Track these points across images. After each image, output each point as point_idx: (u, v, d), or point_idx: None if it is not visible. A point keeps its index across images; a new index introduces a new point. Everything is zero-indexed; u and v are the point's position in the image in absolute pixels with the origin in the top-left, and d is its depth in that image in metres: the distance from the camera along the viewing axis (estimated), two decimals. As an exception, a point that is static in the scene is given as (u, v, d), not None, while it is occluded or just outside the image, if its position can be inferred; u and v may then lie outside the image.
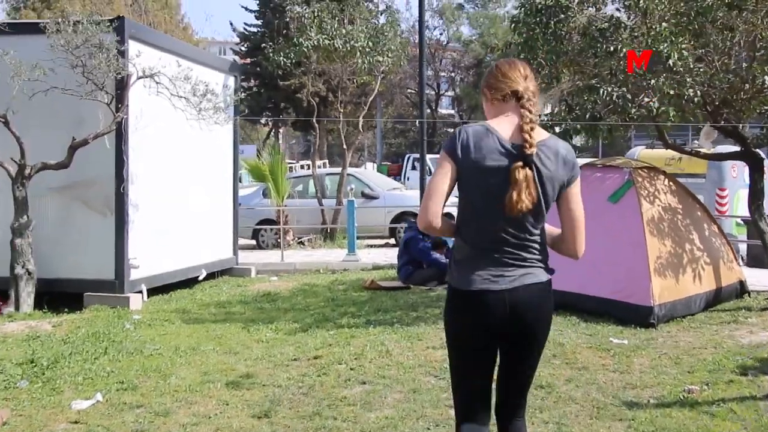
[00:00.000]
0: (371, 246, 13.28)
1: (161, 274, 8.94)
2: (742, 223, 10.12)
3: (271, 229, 13.38)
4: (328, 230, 13.52)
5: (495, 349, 2.70)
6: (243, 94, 38.52)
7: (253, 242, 14.21)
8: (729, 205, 10.81)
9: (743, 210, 11.22)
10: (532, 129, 2.56)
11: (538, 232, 2.68)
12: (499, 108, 2.70)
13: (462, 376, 2.75)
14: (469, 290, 2.61)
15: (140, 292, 8.44)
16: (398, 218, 13.38)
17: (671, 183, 7.44)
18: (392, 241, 13.60)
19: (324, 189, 14.27)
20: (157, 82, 7.94)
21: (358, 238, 13.10)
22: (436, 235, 3.32)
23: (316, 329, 6.81)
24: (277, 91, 37.05)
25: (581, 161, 14.34)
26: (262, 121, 43.35)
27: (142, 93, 8.18)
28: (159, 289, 9.11)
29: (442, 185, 2.61)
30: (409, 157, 28.33)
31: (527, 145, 2.54)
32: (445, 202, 2.63)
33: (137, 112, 8.25)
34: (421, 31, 12.92)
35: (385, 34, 13.03)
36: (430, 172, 20.87)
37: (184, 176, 9.38)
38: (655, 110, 6.32)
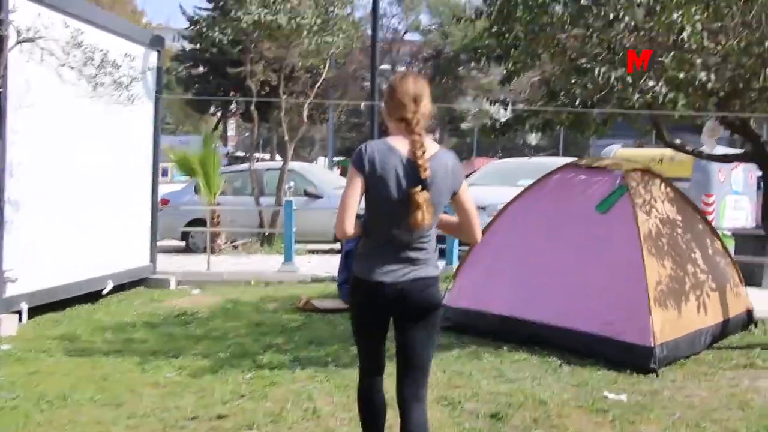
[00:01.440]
0: (313, 252, 11.81)
1: (50, 288, 7.32)
2: (729, 234, 8.94)
3: (203, 231, 11.78)
4: (266, 233, 12.00)
5: (386, 325, 3.14)
6: (195, 84, 36.11)
7: (183, 244, 12.64)
8: (715, 213, 9.66)
9: (731, 219, 10.10)
10: (423, 153, 2.93)
11: (429, 235, 3.08)
12: (396, 126, 3.08)
13: (362, 345, 3.27)
14: (368, 280, 3.04)
15: (19, 312, 6.83)
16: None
17: (669, 189, 6.16)
18: (337, 246, 12.13)
19: (263, 186, 12.74)
20: (41, 48, 6.33)
21: (299, 242, 11.62)
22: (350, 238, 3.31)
23: (229, 369, 5.33)
24: (225, 79, 35.37)
25: (553, 161, 13.20)
26: (211, 110, 41.52)
27: (30, 61, 6.59)
28: (51, 306, 7.51)
29: (353, 197, 2.98)
30: None
31: (422, 170, 2.91)
32: (356, 211, 2.99)
33: (21, 85, 6.63)
34: (375, 8, 11.48)
35: (335, 11, 11.56)
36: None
37: (85, 167, 7.76)
38: (661, 97, 4.99)
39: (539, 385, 4.82)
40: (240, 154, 52.58)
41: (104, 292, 8.23)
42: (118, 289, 8.75)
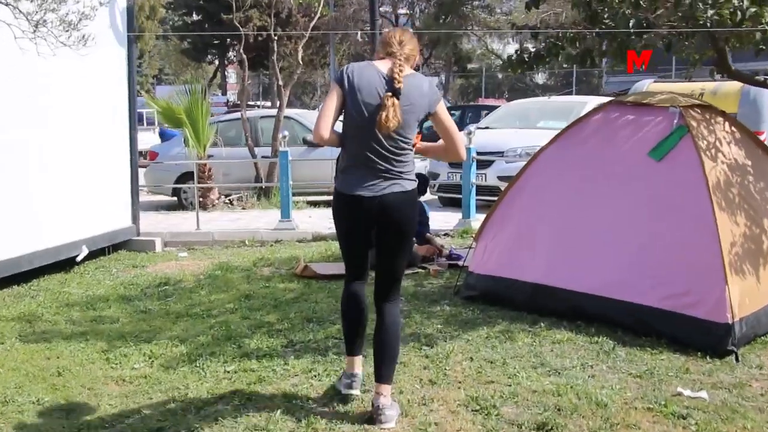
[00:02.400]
0: (314, 204, 10.80)
1: (10, 259, 6.37)
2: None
3: (193, 187, 10.76)
4: (263, 186, 10.98)
5: (368, 235, 3.43)
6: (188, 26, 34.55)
7: (176, 200, 11.65)
8: (765, 153, 8.56)
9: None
10: (400, 70, 3.26)
11: (404, 152, 3.32)
12: (382, 60, 3.40)
13: (347, 253, 3.59)
14: (349, 194, 3.33)
15: (-29, 288, 5.91)
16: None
17: (734, 128, 5.09)
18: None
19: (258, 135, 11.66)
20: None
21: (298, 194, 10.63)
22: (327, 146, 3.46)
23: (208, 359, 4.39)
24: (221, 27, 34.01)
25: (578, 100, 11.98)
26: (208, 58, 40.05)
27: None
28: (17, 278, 6.58)
29: (331, 107, 3.27)
30: None
31: (396, 81, 3.23)
32: (334, 121, 3.29)
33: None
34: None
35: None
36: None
37: (40, 120, 6.72)
38: (741, 13, 3.89)
39: (592, 378, 3.86)
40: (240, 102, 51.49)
41: (78, 259, 7.28)
42: (99, 253, 7.83)
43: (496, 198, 9.09)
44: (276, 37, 12.20)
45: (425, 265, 6.53)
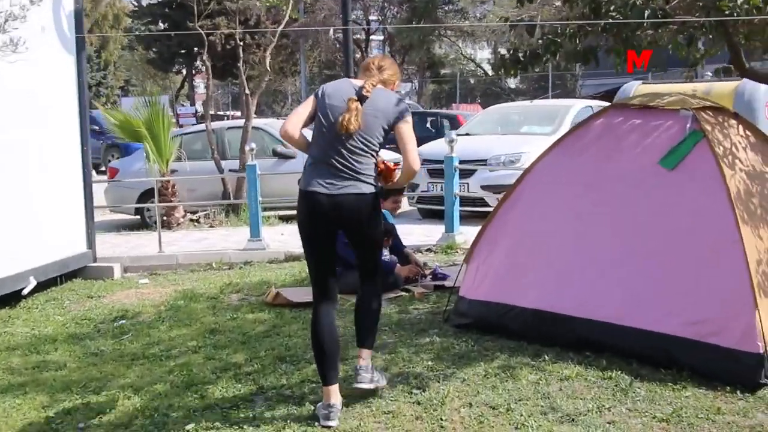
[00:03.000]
0: (286, 220, 10.18)
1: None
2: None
3: (157, 206, 10.08)
4: (231, 202, 10.34)
5: (328, 238, 3.63)
6: (156, 41, 33.69)
7: (139, 219, 10.96)
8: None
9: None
10: (372, 84, 3.51)
11: (365, 155, 3.49)
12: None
13: (311, 259, 3.72)
14: (307, 190, 3.51)
15: None
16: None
17: (748, 131, 4.60)
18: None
19: (225, 148, 11.03)
20: None
21: (269, 209, 10.02)
22: (293, 146, 3.70)
23: (165, 413, 3.79)
24: (188, 35, 33.34)
25: (563, 103, 11.49)
26: (175, 67, 39.14)
27: None
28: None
29: (304, 110, 3.57)
30: None
31: (364, 89, 3.48)
32: (304, 123, 3.56)
33: None
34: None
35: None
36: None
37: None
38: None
39: (612, 425, 3.32)
40: (212, 112, 50.58)
41: (24, 292, 6.61)
42: (51, 283, 7.16)
43: (478, 209, 8.67)
44: (242, 44, 11.62)
45: (408, 287, 5.97)
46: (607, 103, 11.37)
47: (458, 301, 4.89)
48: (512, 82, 41.02)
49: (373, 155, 3.51)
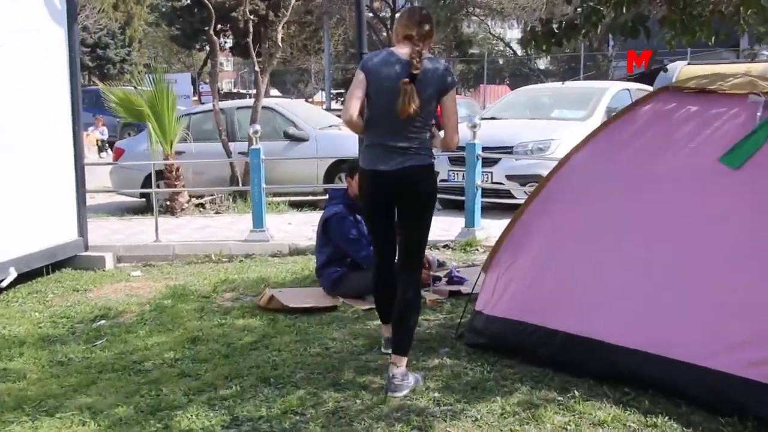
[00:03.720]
0: (298, 207, 9.55)
1: None
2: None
3: (160, 189, 9.49)
4: (239, 187, 9.73)
5: (390, 210, 3.68)
6: (179, 18, 33.19)
7: (145, 202, 10.40)
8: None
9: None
10: (419, 56, 3.46)
11: (422, 131, 3.55)
12: (401, 44, 3.59)
13: (373, 230, 3.86)
14: (370, 170, 3.61)
15: None
16: (335, 169, 9.64)
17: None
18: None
19: (234, 129, 10.40)
20: None
21: (280, 194, 9.41)
22: (356, 132, 3.75)
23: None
24: (209, 11, 32.70)
25: (599, 86, 10.59)
26: (198, 45, 38.56)
27: None
28: None
29: (357, 90, 3.53)
30: None
31: (413, 68, 3.44)
32: (361, 105, 3.54)
33: None
34: None
35: None
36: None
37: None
38: None
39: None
40: (235, 90, 49.89)
41: (3, 284, 6.08)
42: (38, 273, 6.64)
43: (502, 200, 7.94)
44: (267, 20, 10.88)
45: (424, 294, 5.30)
46: (646, 86, 10.55)
47: (474, 316, 4.21)
48: (542, 63, 39.86)
49: (427, 128, 3.59)
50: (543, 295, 3.90)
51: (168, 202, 9.32)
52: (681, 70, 8.04)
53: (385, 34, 32.52)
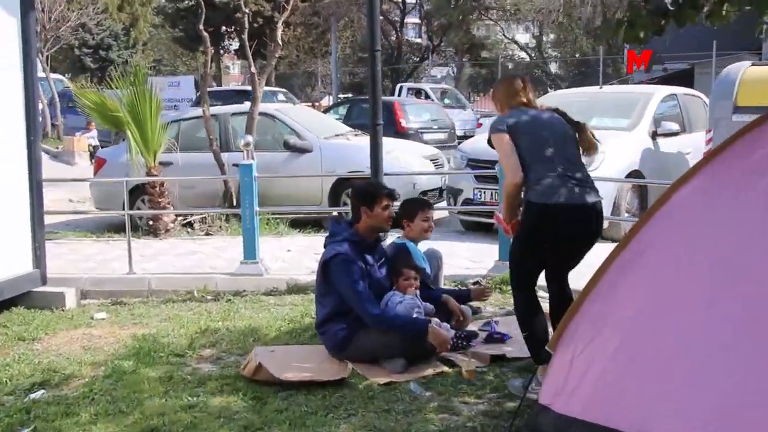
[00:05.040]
0: (298, 227, 8.38)
1: None
2: None
3: (149, 201, 8.31)
4: (232, 204, 8.56)
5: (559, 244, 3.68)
6: (183, 19, 32.16)
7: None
8: None
9: None
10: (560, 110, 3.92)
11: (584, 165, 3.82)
12: (514, 108, 3.87)
13: (534, 264, 3.76)
14: (569, 203, 3.56)
15: None
16: (342, 185, 8.47)
17: None
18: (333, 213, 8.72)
19: (228, 137, 9.22)
20: None
21: (278, 215, 8.24)
22: (513, 198, 3.71)
23: None
24: (215, 11, 31.76)
25: (642, 90, 9.25)
26: (201, 47, 37.36)
27: None
28: None
29: (512, 150, 3.64)
30: (402, 88, 22.63)
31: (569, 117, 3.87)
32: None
33: None
34: None
35: None
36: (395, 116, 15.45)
37: None
38: None
39: None
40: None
41: (-70, 332, 4.90)
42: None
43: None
44: (271, 20, 9.65)
45: (450, 357, 4.09)
46: (695, 92, 9.33)
47: (538, 413, 2.99)
48: (554, 67, 38.57)
49: None
50: (638, 389, 2.67)
51: (151, 222, 8.15)
52: (745, 71, 6.81)
53: (394, 37, 31.37)
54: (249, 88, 20.71)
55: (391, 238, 4.94)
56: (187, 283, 6.15)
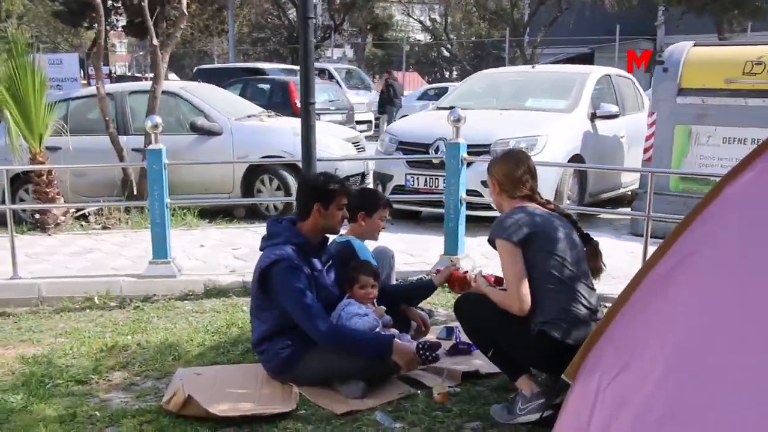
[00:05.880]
0: (207, 217, 7.56)
1: None
2: None
3: (35, 192, 7.24)
4: (133, 193, 7.61)
5: None
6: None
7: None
8: None
9: None
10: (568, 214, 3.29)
11: None
12: (516, 202, 3.22)
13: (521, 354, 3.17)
14: (577, 343, 2.80)
15: None
16: (256, 171, 7.70)
17: None
18: (250, 207, 7.96)
19: (126, 119, 8.21)
20: None
21: (186, 202, 7.41)
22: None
23: None
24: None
25: (581, 69, 8.74)
26: (85, 23, 34.95)
27: None
28: None
29: (522, 269, 3.00)
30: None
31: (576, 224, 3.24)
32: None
33: None
34: None
35: None
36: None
37: None
38: None
39: None
40: (129, 73, 46.13)
41: None
42: None
43: (478, 213, 6.20)
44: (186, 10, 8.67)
45: (418, 375, 3.49)
46: (626, 73, 9.09)
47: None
48: (446, 51, 38.50)
49: None
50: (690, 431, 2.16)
51: (38, 215, 7.12)
52: (689, 51, 6.53)
53: (293, 12, 30.32)
54: (260, 65, 19.38)
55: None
56: (86, 288, 5.24)
